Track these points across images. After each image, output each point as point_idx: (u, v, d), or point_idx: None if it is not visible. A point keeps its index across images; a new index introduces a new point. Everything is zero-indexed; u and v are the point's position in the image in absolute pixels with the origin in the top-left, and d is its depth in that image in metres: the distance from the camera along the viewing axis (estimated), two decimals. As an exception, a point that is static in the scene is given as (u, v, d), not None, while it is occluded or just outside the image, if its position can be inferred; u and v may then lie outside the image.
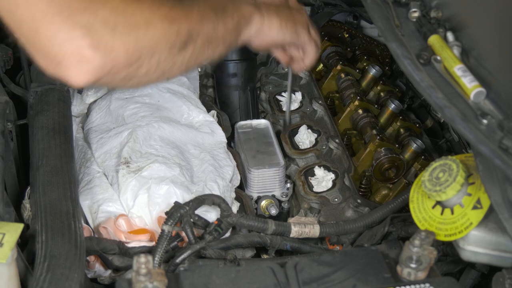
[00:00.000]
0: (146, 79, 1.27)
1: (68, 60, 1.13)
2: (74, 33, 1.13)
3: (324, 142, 1.82)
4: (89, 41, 1.13)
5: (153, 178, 1.54)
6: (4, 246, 1.14)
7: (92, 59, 1.14)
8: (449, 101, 1.15)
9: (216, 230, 1.42)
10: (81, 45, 1.13)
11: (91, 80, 1.16)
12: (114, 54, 1.17)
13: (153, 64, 1.24)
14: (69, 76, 1.15)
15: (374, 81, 1.99)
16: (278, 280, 1.20)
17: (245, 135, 1.83)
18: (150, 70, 1.24)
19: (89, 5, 1.15)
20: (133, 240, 1.46)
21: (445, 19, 1.30)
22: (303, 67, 1.64)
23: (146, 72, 1.24)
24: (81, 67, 1.14)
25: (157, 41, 1.23)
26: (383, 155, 1.70)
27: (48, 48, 1.13)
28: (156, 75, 1.27)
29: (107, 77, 1.18)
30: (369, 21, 2.17)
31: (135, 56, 1.20)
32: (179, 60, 1.29)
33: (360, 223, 1.51)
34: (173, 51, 1.26)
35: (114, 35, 1.16)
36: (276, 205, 1.72)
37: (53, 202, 1.35)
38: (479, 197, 1.25)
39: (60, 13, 1.13)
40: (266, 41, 1.49)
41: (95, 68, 1.15)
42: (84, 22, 1.14)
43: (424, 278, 1.20)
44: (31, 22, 1.13)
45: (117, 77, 1.21)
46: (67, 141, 1.53)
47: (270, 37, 1.49)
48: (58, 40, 1.13)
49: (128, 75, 1.22)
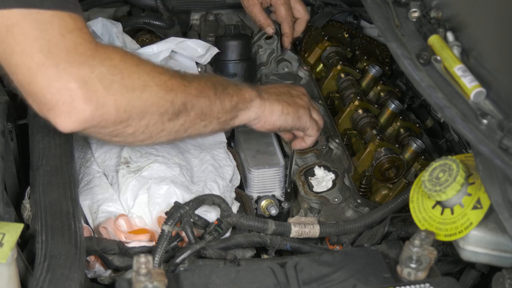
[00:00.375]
0: (131, 139, 1.31)
1: (59, 108, 1.18)
2: (69, 85, 1.17)
3: (324, 142, 1.82)
4: (82, 94, 1.17)
5: (153, 178, 1.54)
6: (4, 246, 1.14)
7: (82, 110, 1.19)
8: (449, 101, 1.15)
9: (216, 230, 1.42)
10: (73, 97, 1.17)
11: (77, 129, 1.21)
12: (104, 110, 1.21)
13: (141, 126, 1.28)
14: (57, 123, 1.20)
15: (374, 81, 1.99)
16: (278, 280, 1.20)
17: (245, 135, 1.83)
18: (137, 131, 1.28)
19: (88, 60, 1.19)
20: (133, 240, 1.46)
21: (445, 19, 1.30)
22: (304, 146, 1.68)
23: (133, 133, 1.28)
24: (71, 116, 1.19)
25: (150, 106, 1.27)
26: (383, 155, 1.70)
27: (41, 95, 1.18)
28: (143, 137, 1.31)
29: (93, 129, 1.23)
30: (369, 21, 2.17)
31: (125, 116, 1.24)
32: (168, 127, 1.33)
33: (360, 223, 1.51)
34: (164, 119, 1.31)
35: (107, 92, 1.20)
36: (276, 205, 1.72)
37: (53, 202, 1.35)
38: (479, 197, 1.25)
39: (57, 65, 1.17)
40: (267, 126, 1.55)
41: (83, 119, 1.20)
42: (80, 76, 1.18)
43: (424, 278, 1.20)
44: (26, 70, 1.17)
45: (103, 131, 1.25)
46: (67, 141, 1.53)
47: (272, 123, 1.54)
48: (52, 89, 1.17)
49: (114, 131, 1.26)
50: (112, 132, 1.27)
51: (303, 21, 1.99)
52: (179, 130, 1.36)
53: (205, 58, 1.91)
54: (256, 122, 1.53)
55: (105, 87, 1.20)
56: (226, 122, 1.46)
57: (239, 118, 1.49)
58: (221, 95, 1.43)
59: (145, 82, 1.26)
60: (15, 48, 1.16)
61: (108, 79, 1.21)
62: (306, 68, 2.05)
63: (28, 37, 1.16)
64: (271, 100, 1.54)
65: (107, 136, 1.28)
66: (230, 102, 1.45)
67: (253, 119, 1.52)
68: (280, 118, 1.55)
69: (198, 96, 1.37)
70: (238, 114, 1.48)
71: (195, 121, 1.38)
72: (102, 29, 1.93)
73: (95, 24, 1.93)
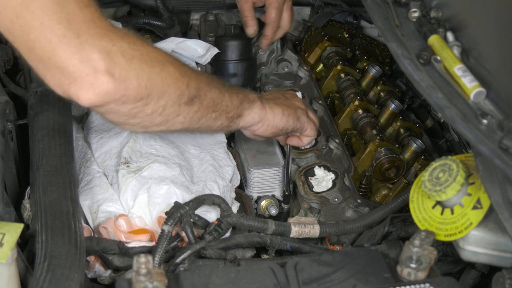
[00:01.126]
0: (148, 121, 1.29)
1: (82, 80, 1.17)
2: (92, 56, 1.16)
3: (324, 142, 1.82)
4: (105, 65, 1.17)
5: (153, 178, 1.54)
6: (4, 246, 1.14)
7: (105, 82, 1.17)
8: (449, 101, 1.15)
9: (216, 230, 1.42)
10: (97, 68, 1.16)
11: (98, 102, 1.19)
12: (127, 84, 1.20)
13: (159, 107, 1.28)
14: (79, 95, 1.18)
15: (374, 81, 1.99)
16: (278, 280, 1.20)
17: (245, 135, 1.83)
18: (155, 112, 1.28)
19: (108, 33, 1.19)
20: (133, 240, 1.46)
21: (445, 19, 1.30)
22: (300, 144, 1.71)
23: (151, 113, 1.28)
24: (94, 88, 1.17)
25: (168, 86, 1.27)
26: (383, 155, 1.70)
27: (63, 68, 1.16)
28: (159, 120, 1.30)
29: (114, 104, 1.22)
30: (369, 21, 2.16)
31: (145, 92, 1.23)
32: (184, 112, 1.33)
33: (360, 223, 1.51)
34: (181, 101, 1.31)
35: (129, 65, 1.20)
36: (276, 205, 1.72)
37: (53, 202, 1.35)
38: (479, 197, 1.25)
39: (79, 37, 1.16)
40: (270, 128, 1.56)
41: (106, 92, 1.18)
42: (103, 47, 1.17)
43: (424, 278, 1.20)
44: (46, 43, 1.15)
45: (122, 109, 1.23)
46: (67, 141, 1.53)
47: (274, 124, 1.56)
48: (75, 61, 1.16)
49: (133, 110, 1.25)
50: (131, 111, 1.25)
51: (282, 31, 2.00)
52: (193, 118, 1.36)
53: (205, 58, 1.91)
54: (260, 126, 1.55)
55: (127, 60, 1.20)
56: (233, 120, 1.47)
57: (244, 119, 1.50)
58: (228, 89, 1.45)
59: (163, 62, 1.27)
60: (33, 22, 1.15)
61: (129, 54, 1.20)
62: (306, 68, 2.05)
63: (46, 10, 1.14)
64: (270, 103, 1.56)
65: (125, 116, 1.27)
66: (237, 98, 1.46)
67: (257, 122, 1.53)
68: (282, 120, 1.56)
69: (209, 85, 1.38)
70: (243, 113, 1.49)
71: (207, 111, 1.38)
72: (102, 29, 1.92)
73: (95, 24, 1.93)
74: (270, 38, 1.98)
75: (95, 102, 1.19)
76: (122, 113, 1.26)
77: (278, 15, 1.94)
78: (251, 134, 1.60)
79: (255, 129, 1.56)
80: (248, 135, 1.61)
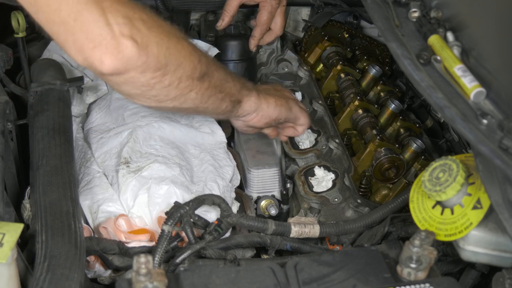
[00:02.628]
0: (164, 94, 1.30)
1: (106, 44, 1.16)
2: (117, 20, 1.17)
3: (324, 142, 1.82)
4: (129, 30, 1.18)
5: (153, 178, 1.54)
6: (4, 246, 1.14)
7: (128, 47, 1.18)
8: (449, 101, 1.15)
9: (216, 230, 1.42)
10: (122, 32, 1.17)
11: (121, 68, 1.19)
12: (148, 51, 1.21)
13: (176, 79, 1.29)
14: (103, 59, 1.18)
15: (374, 81, 1.99)
16: (278, 280, 1.20)
17: (245, 135, 1.83)
18: (171, 84, 1.28)
19: (128, 2, 1.20)
20: (133, 240, 1.46)
21: (445, 19, 1.30)
22: (296, 134, 1.72)
23: (168, 85, 1.28)
24: (117, 52, 1.18)
25: (183, 58, 1.29)
26: (383, 155, 1.70)
27: (88, 30, 1.16)
28: (174, 94, 1.31)
29: (134, 72, 1.22)
30: (369, 21, 2.16)
31: (164, 61, 1.24)
32: (196, 88, 1.34)
33: (360, 223, 1.51)
34: (194, 75, 1.32)
35: (150, 33, 1.21)
36: (275, 205, 1.72)
37: (53, 202, 1.35)
38: (479, 197, 1.25)
39: (103, 2, 1.16)
40: (264, 119, 1.57)
41: (130, 57, 1.19)
42: (125, 13, 1.18)
43: (424, 278, 1.20)
44: (71, 7, 1.15)
45: (142, 78, 1.24)
46: (67, 141, 1.53)
47: (268, 114, 1.57)
48: (101, 23, 1.16)
49: (152, 80, 1.25)
50: (150, 81, 1.25)
51: (273, 34, 2.00)
52: (203, 95, 1.37)
53: (205, 58, 1.91)
54: (254, 116, 1.56)
55: (147, 28, 1.21)
56: (234, 105, 1.48)
57: (242, 107, 1.51)
58: (231, 73, 1.47)
59: (177, 35, 1.29)
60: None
61: (149, 22, 1.22)
62: (306, 68, 2.05)
63: None
64: (263, 93, 1.57)
65: (144, 87, 1.26)
66: (238, 83, 1.48)
67: (253, 111, 1.54)
68: (276, 110, 1.58)
69: (215, 65, 1.40)
70: (242, 99, 1.50)
71: (216, 90, 1.40)
72: (102, 29, 1.92)
73: (95, 24, 1.93)
74: (257, 39, 1.97)
75: (118, 68, 1.19)
76: (141, 83, 1.25)
77: (269, 18, 1.94)
78: (244, 125, 1.60)
79: (249, 119, 1.56)
80: (240, 126, 1.61)
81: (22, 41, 1.75)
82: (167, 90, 1.30)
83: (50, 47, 1.92)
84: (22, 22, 1.71)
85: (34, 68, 1.78)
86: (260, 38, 1.99)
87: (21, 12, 1.72)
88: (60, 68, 1.80)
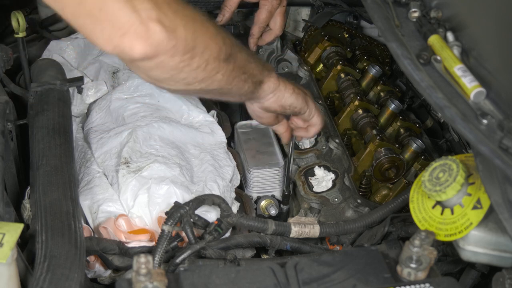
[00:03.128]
0: (192, 76, 1.29)
1: (135, 30, 1.16)
2: (143, 5, 1.16)
3: (324, 142, 1.82)
4: (156, 15, 1.17)
5: (153, 178, 1.54)
6: (4, 246, 1.14)
7: (157, 32, 1.17)
8: (449, 101, 1.15)
9: (216, 230, 1.42)
10: (149, 17, 1.16)
11: (151, 53, 1.19)
12: (176, 34, 1.20)
13: (204, 61, 1.28)
14: (133, 46, 1.17)
15: (374, 81, 1.99)
16: (278, 280, 1.20)
17: (245, 135, 1.83)
18: (199, 67, 1.27)
19: None
20: (133, 240, 1.46)
21: (445, 19, 1.30)
22: (307, 136, 1.66)
23: (196, 68, 1.27)
24: (147, 38, 1.17)
25: (209, 40, 1.27)
26: (383, 155, 1.70)
27: (114, 19, 1.15)
28: (202, 76, 1.30)
29: (164, 56, 1.21)
30: (369, 21, 2.16)
31: (191, 44, 1.24)
32: (222, 69, 1.33)
33: (360, 223, 1.51)
34: (220, 57, 1.31)
35: (176, 17, 1.21)
36: (275, 205, 1.72)
37: (53, 202, 1.35)
38: (479, 197, 1.25)
39: None
40: (280, 102, 1.52)
41: (159, 42, 1.18)
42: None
43: (424, 278, 1.20)
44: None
45: (171, 62, 1.23)
46: (67, 141, 1.53)
47: (284, 99, 1.51)
48: (127, 10, 1.15)
49: (181, 63, 1.24)
50: (179, 65, 1.25)
51: (273, 34, 1.99)
52: (229, 77, 1.35)
53: (205, 58, 1.91)
54: (271, 96, 1.50)
55: (173, 12, 1.20)
56: (256, 86, 1.45)
57: (263, 87, 1.47)
58: (252, 54, 1.46)
59: (201, 18, 1.28)
60: None
61: (174, 6, 1.21)
62: (306, 68, 2.05)
63: None
64: (282, 78, 1.53)
65: (173, 70, 1.26)
66: (260, 64, 1.45)
67: (271, 91, 1.49)
68: (292, 96, 1.52)
69: (238, 46, 1.38)
70: (264, 80, 1.47)
71: (240, 71, 1.38)
72: (102, 29, 1.92)
73: (95, 24, 1.93)
74: (256, 38, 1.96)
75: (148, 53, 1.18)
76: (170, 67, 1.25)
77: (268, 17, 1.94)
78: (258, 108, 1.54)
79: (265, 99, 1.51)
80: (255, 110, 1.55)
81: (22, 41, 1.75)
82: (195, 72, 1.29)
83: (50, 47, 1.92)
84: (22, 22, 1.71)
85: (34, 68, 1.78)
86: (259, 37, 1.98)
87: (21, 12, 1.72)
88: (60, 68, 1.80)
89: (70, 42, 1.93)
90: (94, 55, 1.93)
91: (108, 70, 1.89)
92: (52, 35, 2.07)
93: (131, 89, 1.82)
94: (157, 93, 1.81)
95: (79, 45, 1.94)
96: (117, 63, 1.91)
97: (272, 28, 1.97)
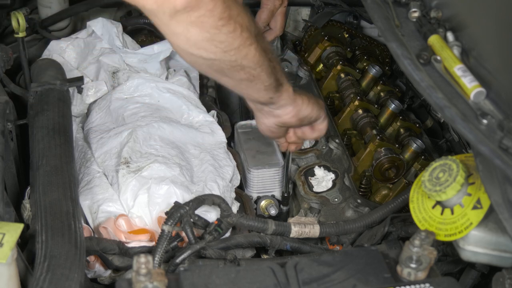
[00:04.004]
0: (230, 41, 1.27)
1: None
2: None
3: (324, 142, 1.82)
4: None
5: (153, 178, 1.54)
6: (4, 246, 1.14)
7: None
8: (449, 101, 1.15)
9: (216, 230, 1.42)
10: None
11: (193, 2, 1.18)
12: None
13: (239, 25, 1.26)
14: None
15: (374, 81, 1.99)
16: (278, 280, 1.20)
17: (245, 135, 1.83)
18: (236, 30, 1.26)
19: None
20: (133, 240, 1.46)
21: (445, 19, 1.30)
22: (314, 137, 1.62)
23: (233, 30, 1.26)
24: None
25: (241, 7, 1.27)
26: (383, 155, 1.70)
27: None
28: (238, 43, 1.28)
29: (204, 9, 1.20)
30: (369, 21, 2.17)
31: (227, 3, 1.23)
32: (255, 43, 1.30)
33: (360, 223, 1.51)
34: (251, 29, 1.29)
35: None
36: (275, 205, 1.72)
37: (53, 202, 1.35)
38: (479, 197, 1.25)
39: None
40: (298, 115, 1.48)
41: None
42: None
43: (424, 278, 1.20)
44: None
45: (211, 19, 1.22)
46: (67, 141, 1.53)
47: (303, 109, 1.48)
48: None
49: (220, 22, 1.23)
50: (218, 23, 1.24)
51: (273, 34, 1.98)
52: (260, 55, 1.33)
53: (205, 58, 1.91)
54: (291, 110, 1.46)
55: None
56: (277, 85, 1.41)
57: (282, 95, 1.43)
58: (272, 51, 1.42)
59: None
60: None
61: None
62: (306, 68, 2.05)
63: None
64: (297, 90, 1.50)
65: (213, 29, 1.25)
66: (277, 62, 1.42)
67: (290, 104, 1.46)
68: (309, 107, 1.49)
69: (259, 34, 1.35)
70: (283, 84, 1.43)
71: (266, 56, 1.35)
72: (102, 29, 1.93)
73: (95, 24, 1.93)
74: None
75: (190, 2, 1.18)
76: (210, 24, 1.24)
77: (269, 16, 1.94)
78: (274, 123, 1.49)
79: (284, 113, 1.47)
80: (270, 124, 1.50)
81: (22, 41, 1.75)
82: (233, 36, 1.27)
83: (50, 47, 1.92)
84: (22, 22, 1.71)
85: (34, 68, 1.78)
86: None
87: (21, 12, 1.72)
88: (60, 68, 1.80)
89: (70, 42, 1.93)
90: (94, 55, 1.93)
91: (108, 70, 1.89)
92: (52, 35, 2.07)
93: (131, 89, 1.82)
94: (157, 93, 1.81)
95: (79, 45, 1.93)
96: (117, 63, 1.91)
97: (273, 28, 1.97)
